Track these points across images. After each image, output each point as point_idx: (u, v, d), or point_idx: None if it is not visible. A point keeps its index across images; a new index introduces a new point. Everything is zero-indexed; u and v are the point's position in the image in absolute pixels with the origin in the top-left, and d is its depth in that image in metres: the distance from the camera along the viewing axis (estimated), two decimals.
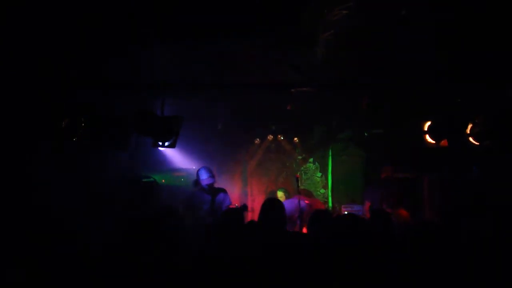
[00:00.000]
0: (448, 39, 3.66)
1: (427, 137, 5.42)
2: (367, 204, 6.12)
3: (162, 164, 6.93)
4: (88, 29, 3.37)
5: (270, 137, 7.84)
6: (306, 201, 6.16)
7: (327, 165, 8.16)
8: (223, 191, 5.61)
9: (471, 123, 5.13)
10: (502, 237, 3.19)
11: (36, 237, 3.46)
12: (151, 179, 5.71)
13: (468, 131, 5.15)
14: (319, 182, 8.22)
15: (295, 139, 7.90)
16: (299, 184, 6.02)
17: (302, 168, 8.24)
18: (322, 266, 2.66)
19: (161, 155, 6.72)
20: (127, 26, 3.37)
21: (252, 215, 6.99)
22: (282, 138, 7.91)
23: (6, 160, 3.98)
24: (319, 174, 8.23)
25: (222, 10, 3.17)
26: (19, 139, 4.05)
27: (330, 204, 7.81)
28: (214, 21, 3.27)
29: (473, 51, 3.89)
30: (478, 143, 5.13)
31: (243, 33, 3.46)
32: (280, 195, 6.98)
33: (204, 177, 5.41)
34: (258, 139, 7.94)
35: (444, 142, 5.36)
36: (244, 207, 5.39)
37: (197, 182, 5.52)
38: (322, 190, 8.17)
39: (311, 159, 8.25)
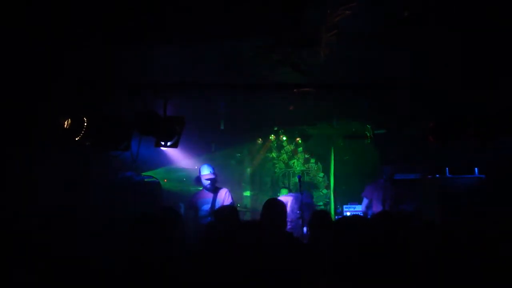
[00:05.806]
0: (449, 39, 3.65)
1: (430, 138, 5.39)
2: (366, 202, 6.16)
3: (164, 163, 6.95)
4: (90, 27, 3.38)
5: (273, 136, 7.84)
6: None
7: (329, 165, 8.16)
8: (225, 190, 5.59)
9: (473, 123, 5.10)
10: (503, 238, 3.18)
11: (35, 237, 3.46)
12: (154, 179, 5.74)
13: (470, 132, 5.13)
14: (322, 183, 8.22)
15: (297, 139, 7.90)
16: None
17: (305, 168, 8.24)
18: (322, 266, 2.66)
19: (163, 154, 6.73)
20: (132, 25, 3.37)
21: (253, 215, 7.01)
22: (284, 138, 7.91)
23: (6, 160, 4.00)
24: (321, 174, 8.23)
25: (224, 10, 3.18)
26: (20, 138, 4.07)
27: (333, 205, 7.81)
28: (217, 22, 3.28)
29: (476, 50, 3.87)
30: (480, 144, 5.10)
31: (244, 34, 3.46)
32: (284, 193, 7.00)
33: (206, 172, 5.43)
34: (260, 139, 7.94)
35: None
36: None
37: (198, 179, 5.54)
38: (325, 191, 8.17)
39: (313, 159, 8.25)
